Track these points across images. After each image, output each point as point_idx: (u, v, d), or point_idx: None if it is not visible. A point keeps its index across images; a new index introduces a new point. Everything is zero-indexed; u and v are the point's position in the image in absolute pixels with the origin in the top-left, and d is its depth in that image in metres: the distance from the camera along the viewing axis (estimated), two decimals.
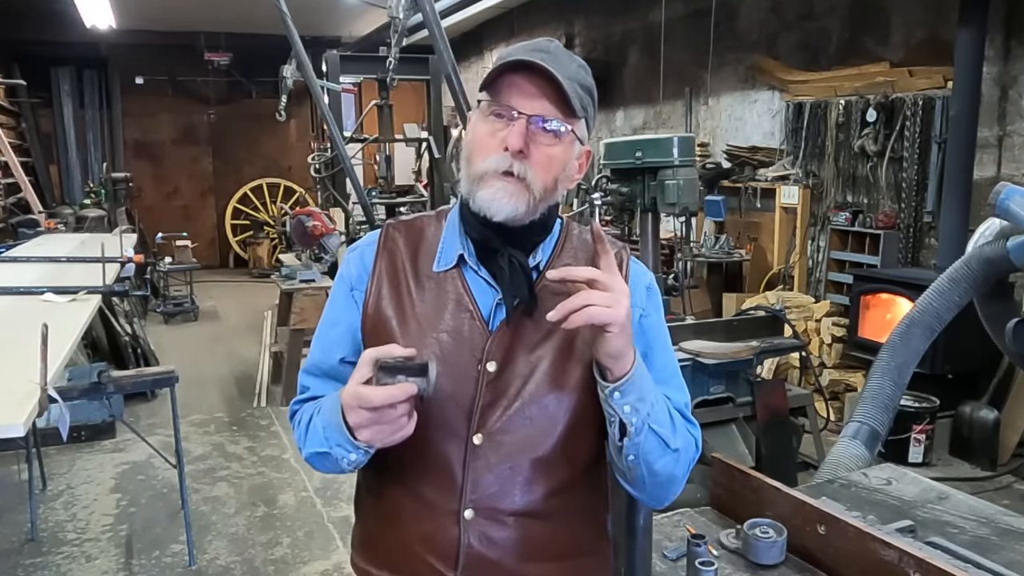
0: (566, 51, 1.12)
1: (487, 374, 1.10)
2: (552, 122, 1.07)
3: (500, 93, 1.08)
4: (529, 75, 1.06)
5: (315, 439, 1.11)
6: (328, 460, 1.10)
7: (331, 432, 1.06)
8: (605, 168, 3.88)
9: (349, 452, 1.05)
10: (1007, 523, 1.65)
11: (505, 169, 1.07)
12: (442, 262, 1.16)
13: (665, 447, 1.09)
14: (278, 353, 5.93)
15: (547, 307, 1.10)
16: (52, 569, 3.31)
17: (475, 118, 1.12)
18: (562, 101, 1.08)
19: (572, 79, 1.08)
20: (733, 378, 3.58)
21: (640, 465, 1.09)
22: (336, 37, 10.76)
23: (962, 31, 4.32)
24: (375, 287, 1.17)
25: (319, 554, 3.44)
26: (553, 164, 1.09)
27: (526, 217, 1.10)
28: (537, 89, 1.07)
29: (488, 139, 1.09)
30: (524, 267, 1.12)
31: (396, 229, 1.22)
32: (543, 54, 1.07)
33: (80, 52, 10.31)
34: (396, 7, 4.23)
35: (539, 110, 1.07)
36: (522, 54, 1.07)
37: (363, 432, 1.00)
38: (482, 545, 1.10)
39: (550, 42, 1.11)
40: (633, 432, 1.05)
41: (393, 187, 7.20)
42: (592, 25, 8.57)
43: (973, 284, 2.59)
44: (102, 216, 8.40)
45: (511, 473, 1.10)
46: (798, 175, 5.79)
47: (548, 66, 1.05)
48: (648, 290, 1.21)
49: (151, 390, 5.02)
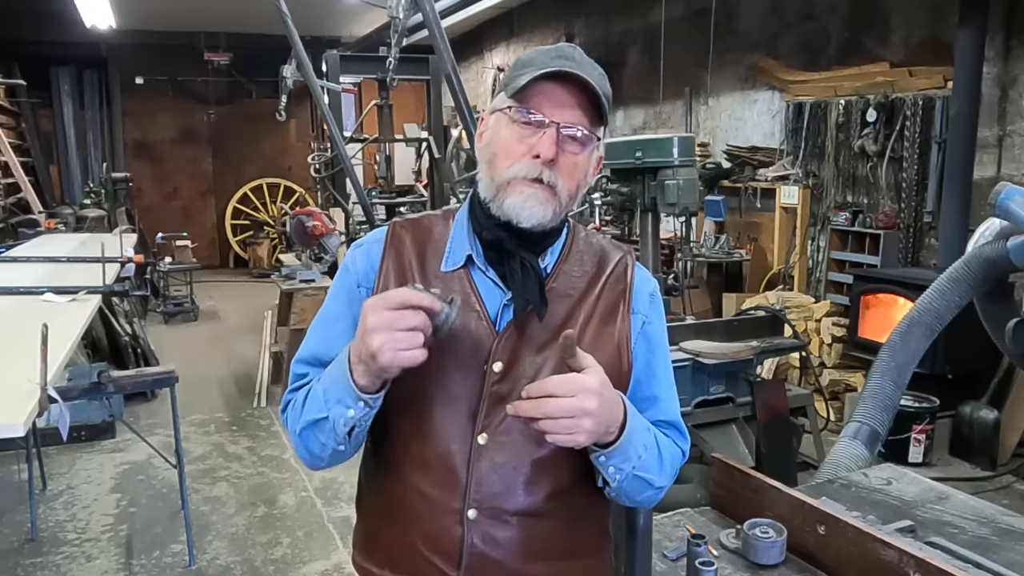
0: (588, 58, 1.12)
1: (492, 374, 1.11)
2: (581, 131, 1.08)
3: (529, 100, 1.08)
4: (561, 83, 1.07)
5: (312, 406, 1.09)
6: (322, 431, 1.07)
7: (333, 389, 1.04)
8: (605, 168, 3.89)
9: (348, 408, 1.03)
10: (1007, 523, 1.65)
11: (535, 176, 1.07)
12: (450, 262, 1.16)
13: (649, 485, 1.13)
14: (278, 353, 5.93)
15: (555, 310, 1.13)
16: (52, 569, 3.31)
17: (499, 122, 1.12)
18: (594, 110, 1.09)
19: (599, 87, 1.08)
20: (733, 378, 3.58)
21: (621, 497, 1.16)
22: (336, 37, 10.76)
23: (962, 31, 4.32)
24: (382, 285, 1.16)
25: (319, 554, 3.44)
26: (577, 171, 1.11)
27: (551, 223, 1.11)
28: (569, 98, 1.07)
29: (515, 145, 1.08)
30: (536, 270, 1.12)
31: (403, 228, 1.21)
32: (571, 62, 1.08)
33: (80, 52, 10.31)
34: (396, 7, 4.23)
35: (569, 118, 1.07)
36: (554, 64, 1.07)
37: (375, 337, 0.96)
38: (485, 544, 1.10)
39: (574, 49, 1.11)
40: (615, 485, 1.10)
41: (393, 187, 7.19)
42: (592, 25, 8.57)
43: (973, 284, 2.59)
44: (102, 216, 8.41)
45: (514, 473, 1.11)
46: (798, 175, 5.79)
47: (580, 74, 1.06)
48: (651, 297, 1.22)
49: (151, 390, 5.03)
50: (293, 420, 1.14)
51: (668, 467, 1.16)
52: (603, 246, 1.22)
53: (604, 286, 1.17)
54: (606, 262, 1.20)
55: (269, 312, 6.57)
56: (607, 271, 1.19)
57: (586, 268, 1.18)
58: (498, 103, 1.13)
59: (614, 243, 1.25)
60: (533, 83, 1.06)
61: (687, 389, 3.40)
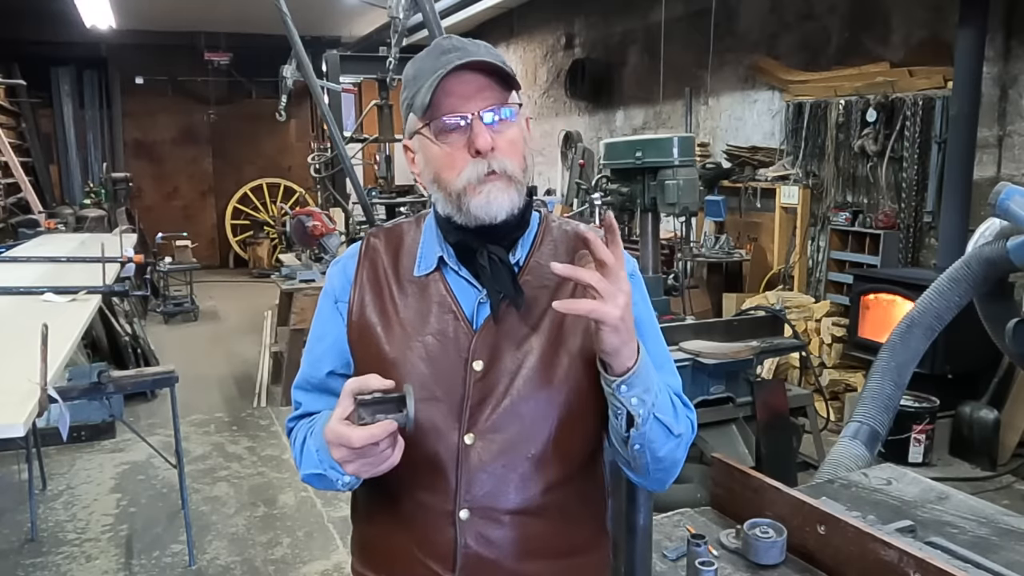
0: (465, 39, 1.11)
1: (474, 373, 1.10)
2: (503, 109, 1.08)
3: (440, 108, 1.07)
4: (458, 76, 1.05)
5: (309, 461, 1.12)
6: (324, 480, 1.10)
7: (324, 455, 1.06)
8: (605, 168, 3.89)
9: (342, 475, 1.05)
10: (1007, 523, 1.65)
11: (486, 172, 1.07)
12: (423, 266, 1.17)
13: (669, 433, 1.09)
14: (278, 353, 5.93)
15: (532, 303, 1.12)
16: (52, 569, 3.31)
17: (422, 143, 1.11)
18: (501, 81, 1.08)
19: (492, 58, 1.07)
20: (733, 378, 3.58)
21: (645, 453, 1.09)
22: (336, 37, 10.76)
23: (962, 31, 4.32)
24: (358, 296, 1.17)
25: (319, 554, 3.44)
26: (517, 144, 1.10)
27: (521, 206, 1.11)
28: (471, 85, 1.06)
29: (450, 155, 1.08)
30: (505, 262, 1.12)
31: (376, 237, 1.23)
32: (454, 53, 1.07)
33: (80, 52, 10.31)
34: (396, 7, 4.24)
35: (483, 103, 1.07)
36: (439, 65, 1.06)
37: (349, 467, 1.01)
38: (479, 545, 1.10)
39: (448, 39, 1.11)
40: (640, 422, 1.05)
41: (393, 187, 7.19)
42: (592, 25, 8.56)
43: (973, 284, 2.59)
44: (102, 216, 8.40)
45: (505, 471, 1.10)
46: (798, 175, 5.79)
47: (470, 59, 1.05)
48: (631, 277, 1.20)
49: (151, 390, 5.03)
50: (295, 457, 1.19)
51: (682, 418, 1.13)
52: (577, 231, 1.20)
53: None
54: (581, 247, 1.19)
55: (269, 312, 6.57)
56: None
57: (560, 256, 1.16)
58: (412, 126, 1.12)
59: (589, 227, 1.23)
60: (435, 90, 1.05)
61: (687, 389, 3.37)
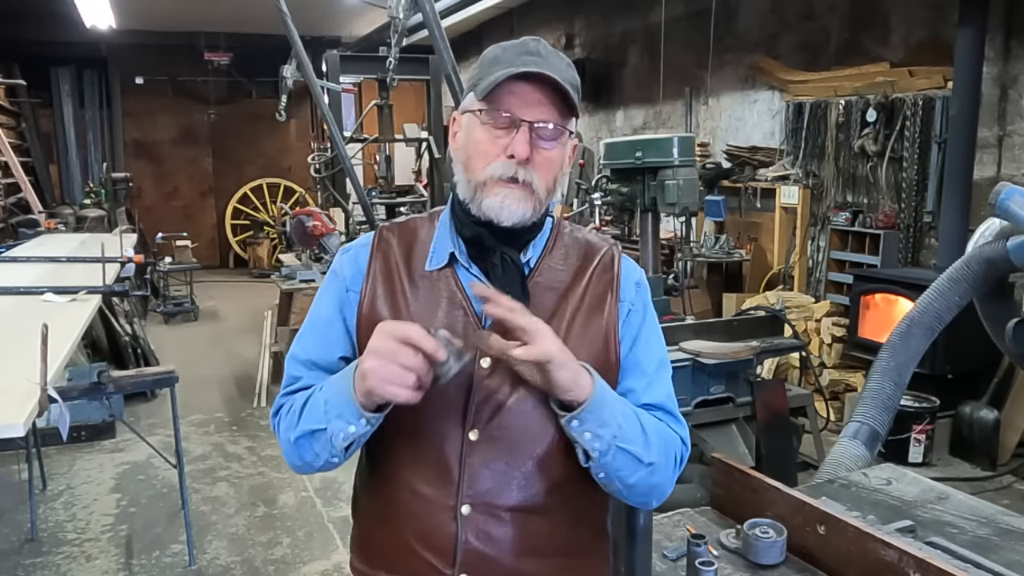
0: (552, 49, 1.12)
1: (481, 370, 1.11)
2: (553, 128, 1.09)
3: (499, 100, 1.08)
4: (529, 82, 1.07)
5: (312, 416, 1.09)
6: (318, 441, 1.08)
7: (335, 402, 1.05)
8: (605, 168, 3.89)
9: (349, 424, 1.04)
10: (1007, 523, 1.65)
11: (511, 176, 1.08)
12: (434, 261, 1.17)
13: (638, 462, 1.09)
14: (278, 353, 5.92)
15: (539, 303, 1.12)
16: (52, 569, 3.31)
17: (470, 123, 1.12)
18: (563, 103, 1.09)
19: (567, 80, 1.09)
20: (733, 378, 3.58)
21: (614, 481, 1.10)
22: (336, 37, 10.75)
23: (962, 31, 4.32)
24: (370, 287, 1.17)
25: (319, 554, 3.44)
26: (553, 166, 1.11)
27: (531, 219, 1.12)
28: (538, 95, 1.08)
29: (488, 145, 1.09)
30: (516, 264, 1.13)
31: (390, 231, 1.23)
32: (538, 59, 1.08)
33: (80, 52, 10.30)
34: (396, 7, 4.24)
35: (539, 116, 1.08)
36: (518, 62, 1.07)
37: (371, 361, 0.98)
38: (479, 541, 1.10)
39: (537, 42, 1.12)
40: (597, 456, 1.06)
41: (393, 187, 7.20)
42: (592, 25, 8.56)
43: (973, 284, 2.59)
44: (102, 216, 8.40)
45: (507, 469, 1.11)
46: (798, 175, 5.79)
47: (547, 72, 1.06)
48: (638, 285, 1.22)
49: (151, 390, 5.03)
50: (288, 426, 1.14)
51: (657, 444, 1.11)
52: (588, 240, 1.22)
53: (591, 278, 1.18)
54: (592, 254, 1.20)
55: (269, 312, 6.56)
56: (593, 263, 1.19)
57: (571, 261, 1.18)
58: (468, 104, 1.13)
59: (600, 236, 1.26)
60: (502, 83, 1.06)
61: (687, 389, 3.40)
